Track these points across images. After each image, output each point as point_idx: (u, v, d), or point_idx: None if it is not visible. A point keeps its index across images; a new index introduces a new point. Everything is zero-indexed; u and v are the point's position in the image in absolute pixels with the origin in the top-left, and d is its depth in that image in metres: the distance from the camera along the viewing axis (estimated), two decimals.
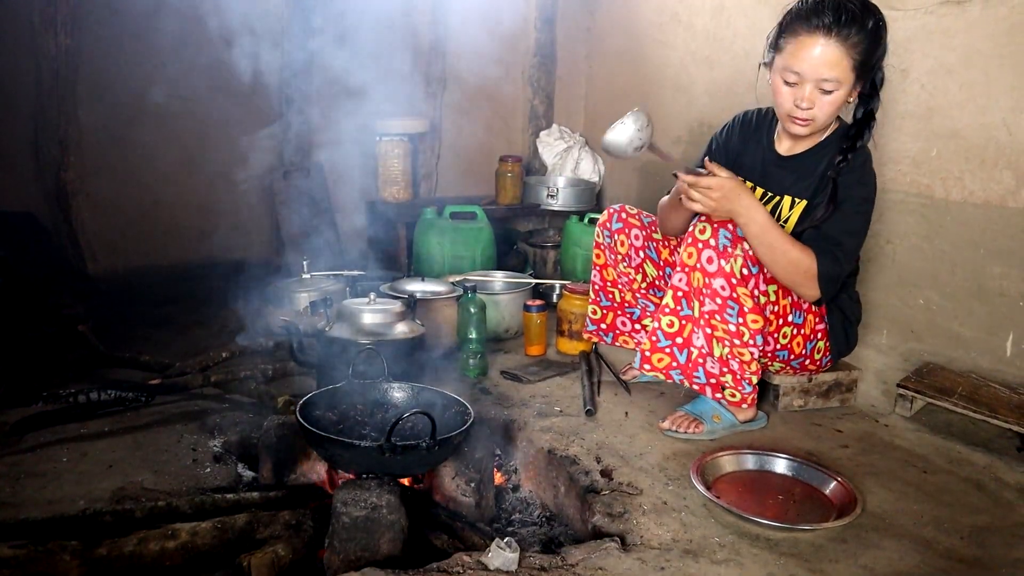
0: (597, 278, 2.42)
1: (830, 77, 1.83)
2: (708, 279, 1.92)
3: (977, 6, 2.24)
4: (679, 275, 2.00)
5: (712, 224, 1.92)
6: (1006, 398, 2.09)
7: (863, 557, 1.54)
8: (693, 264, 1.95)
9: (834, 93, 1.87)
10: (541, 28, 4.08)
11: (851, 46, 1.81)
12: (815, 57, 1.82)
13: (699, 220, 1.95)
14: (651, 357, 2.07)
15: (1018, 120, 2.17)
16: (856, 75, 1.86)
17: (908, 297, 2.48)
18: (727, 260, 1.90)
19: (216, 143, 3.40)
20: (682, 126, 3.47)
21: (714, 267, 1.91)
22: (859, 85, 1.91)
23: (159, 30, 3.24)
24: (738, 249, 1.90)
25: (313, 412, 1.80)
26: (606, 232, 2.35)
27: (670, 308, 2.03)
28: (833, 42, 1.80)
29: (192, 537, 1.54)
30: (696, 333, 2.00)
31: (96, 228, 3.37)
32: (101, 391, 2.17)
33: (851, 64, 1.83)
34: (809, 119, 1.92)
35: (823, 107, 1.89)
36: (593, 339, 2.49)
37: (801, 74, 1.85)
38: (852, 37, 1.80)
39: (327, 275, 2.98)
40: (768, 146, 2.14)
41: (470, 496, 1.81)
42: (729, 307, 1.92)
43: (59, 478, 1.82)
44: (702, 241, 1.92)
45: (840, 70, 1.83)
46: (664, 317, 2.04)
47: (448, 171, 4.06)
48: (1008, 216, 2.21)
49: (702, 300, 1.96)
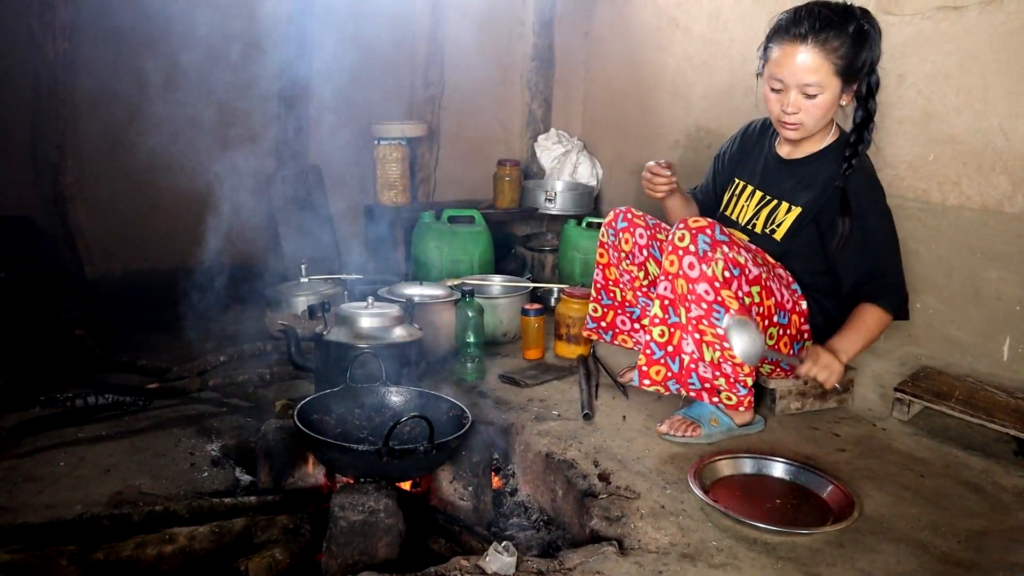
0: (600, 277, 2.43)
1: (811, 82, 1.89)
2: (691, 284, 1.93)
3: (974, 12, 2.25)
4: (664, 283, 2.00)
5: (691, 230, 1.93)
6: (1003, 402, 2.09)
7: (860, 561, 1.54)
8: (675, 271, 1.95)
9: (818, 97, 1.92)
10: (539, 32, 4.09)
11: (830, 51, 1.87)
12: (795, 64, 1.89)
13: (677, 227, 1.96)
14: (648, 371, 2.06)
15: (1014, 125, 2.17)
16: (842, 79, 1.91)
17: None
18: (708, 264, 1.90)
19: (214, 147, 3.40)
20: (680, 131, 3.47)
21: (696, 272, 1.91)
22: (849, 89, 1.94)
23: (157, 35, 3.24)
24: (718, 252, 1.91)
25: (311, 416, 1.80)
26: (611, 231, 2.36)
27: (659, 318, 2.03)
28: (811, 48, 1.87)
29: (190, 541, 1.54)
30: (685, 339, 2.00)
31: (94, 232, 3.36)
32: (98, 395, 2.17)
33: (833, 68, 1.88)
34: (797, 123, 1.98)
35: (809, 111, 1.95)
36: (592, 336, 2.49)
37: (784, 81, 1.93)
38: (831, 42, 1.86)
39: (325, 279, 2.99)
40: (770, 149, 2.19)
41: (468, 500, 1.81)
42: (715, 311, 1.93)
43: (56, 482, 1.82)
44: (682, 248, 1.93)
45: (820, 75, 1.89)
46: (655, 328, 2.04)
47: (446, 175, 4.07)
48: (1005, 221, 2.22)
49: (688, 306, 1.96)
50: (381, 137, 3.56)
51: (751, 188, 2.20)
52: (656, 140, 3.65)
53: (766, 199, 2.15)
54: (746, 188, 2.22)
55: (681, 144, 3.50)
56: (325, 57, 3.40)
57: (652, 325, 2.04)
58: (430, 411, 1.82)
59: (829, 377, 1.92)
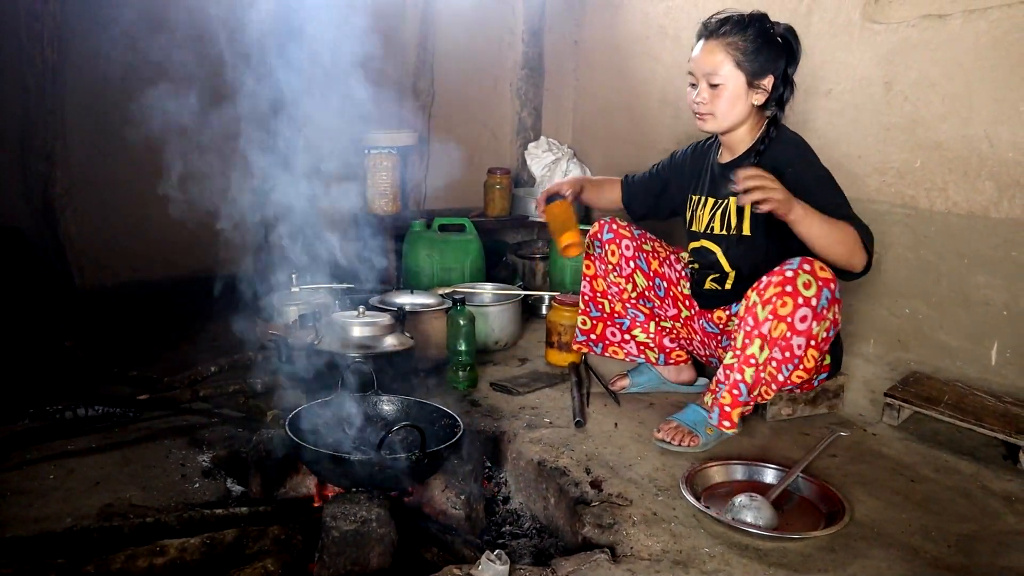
0: (587, 289, 2.43)
1: (711, 71, 2.04)
2: (791, 335, 1.91)
3: (958, 20, 2.28)
4: (769, 324, 1.90)
5: (817, 280, 1.89)
6: (992, 406, 2.11)
7: (851, 566, 1.54)
8: (784, 315, 1.89)
9: (721, 88, 2.05)
10: (528, 41, 4.10)
11: (728, 45, 2.02)
12: (699, 56, 2.08)
13: (802, 270, 1.88)
14: (732, 414, 1.99)
15: (999, 132, 2.20)
16: (747, 76, 2.03)
17: (894, 307, 2.51)
18: (819, 323, 1.91)
19: (204, 157, 3.39)
20: (670, 138, 3.49)
21: (804, 326, 1.90)
22: (759, 88, 2.04)
23: (147, 45, 3.23)
24: (831, 312, 1.94)
25: (302, 426, 1.79)
26: (596, 243, 2.37)
27: (755, 360, 1.94)
28: (712, 42, 2.05)
29: (181, 553, 1.53)
30: (745, 371, 1.96)
31: (84, 243, 3.35)
32: (88, 407, 2.15)
33: (733, 62, 2.02)
34: (706, 113, 2.10)
35: (715, 102, 2.06)
36: (583, 350, 2.50)
37: (693, 72, 2.10)
38: (729, 37, 2.03)
39: (316, 288, 2.98)
40: (713, 160, 2.26)
41: (460, 508, 1.81)
42: (792, 362, 1.95)
43: (46, 495, 1.81)
44: (804, 297, 1.88)
45: (722, 67, 2.03)
46: (748, 369, 1.95)
47: (436, 183, 4.06)
48: (991, 226, 2.24)
49: (772, 348, 1.94)
50: (371, 146, 3.56)
51: (703, 198, 2.26)
52: (646, 147, 3.66)
53: (717, 203, 2.21)
54: (700, 199, 2.27)
55: (671, 151, 3.51)
56: (316, 65, 3.40)
57: (745, 365, 1.95)
58: (422, 420, 1.83)
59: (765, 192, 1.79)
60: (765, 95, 2.07)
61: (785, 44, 2.06)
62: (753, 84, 2.05)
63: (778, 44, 2.05)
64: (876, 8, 2.52)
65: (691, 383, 2.49)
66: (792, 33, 2.07)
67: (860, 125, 2.57)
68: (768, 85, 2.06)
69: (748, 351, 1.94)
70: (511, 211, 3.84)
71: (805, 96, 2.73)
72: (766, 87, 2.06)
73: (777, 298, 1.89)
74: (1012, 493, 1.86)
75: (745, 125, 2.13)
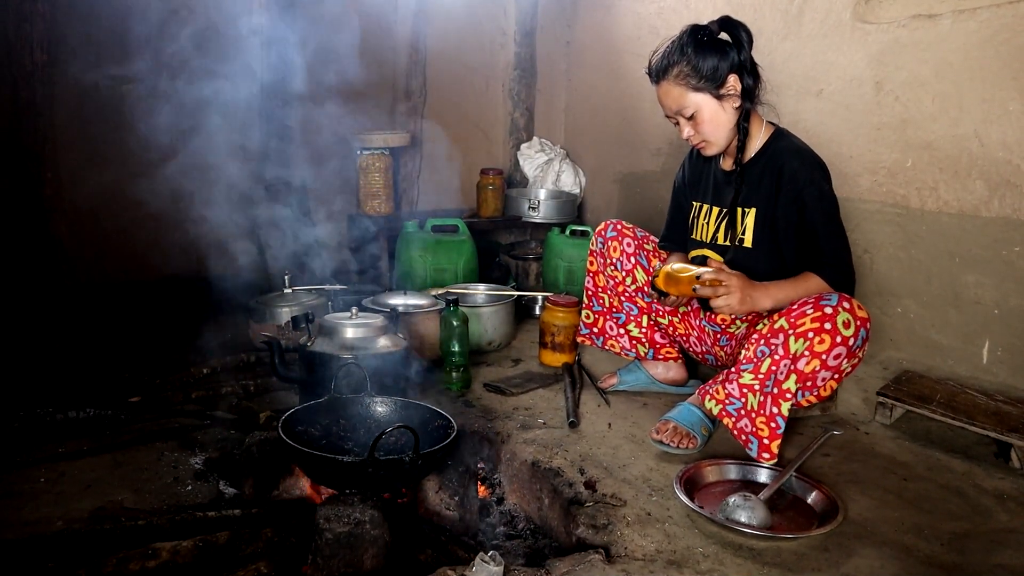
0: (590, 284, 2.48)
1: (679, 108, 2.06)
2: (821, 370, 1.89)
3: (947, 20, 2.29)
4: (803, 359, 1.87)
5: (856, 319, 1.87)
6: (983, 405, 2.12)
7: (845, 565, 1.55)
8: (820, 352, 1.86)
9: (697, 115, 2.05)
10: (521, 42, 4.11)
11: (677, 77, 2.02)
12: (662, 100, 2.09)
13: (842, 308, 1.85)
14: (771, 446, 1.94)
15: (989, 131, 2.21)
16: (709, 92, 2.01)
17: (886, 306, 2.52)
18: (850, 360, 1.92)
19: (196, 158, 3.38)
20: (662, 138, 3.50)
21: (835, 363, 1.89)
22: (727, 94, 2.02)
23: (137, 46, 3.22)
24: (862, 351, 1.95)
25: (295, 428, 1.79)
26: (600, 239, 2.42)
27: (791, 392, 1.91)
28: (665, 83, 2.05)
29: (173, 556, 1.52)
30: (782, 405, 1.93)
31: (74, 244, 3.33)
32: (79, 409, 2.14)
33: (691, 89, 2.02)
34: (701, 143, 2.10)
35: (701, 129, 2.07)
36: (586, 342, 2.53)
37: (669, 116, 2.11)
38: (674, 69, 2.02)
39: (309, 290, 2.98)
40: (716, 167, 2.24)
41: (454, 510, 1.80)
42: (812, 390, 1.96)
43: (36, 498, 1.79)
44: (843, 336, 1.85)
45: (684, 99, 2.03)
46: (784, 403, 1.92)
47: (429, 184, 4.07)
48: (981, 226, 2.25)
49: (803, 381, 1.92)
50: (364, 147, 3.56)
51: (707, 206, 2.25)
52: (639, 148, 3.67)
53: (723, 212, 2.18)
54: (703, 207, 2.26)
55: (664, 152, 3.52)
56: (308, 67, 3.39)
57: (782, 399, 1.91)
58: (415, 421, 1.82)
59: (726, 298, 1.89)
60: (737, 95, 2.03)
61: (731, 37, 2.02)
62: (720, 95, 2.02)
63: (719, 42, 2.01)
64: (866, 8, 2.53)
65: (682, 383, 2.49)
66: (729, 23, 2.01)
67: (851, 125, 2.58)
68: (735, 84, 2.01)
69: (784, 385, 1.91)
70: (504, 212, 3.84)
71: (796, 96, 2.74)
72: (734, 87, 2.02)
73: (815, 334, 1.85)
74: (1004, 491, 1.87)
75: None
